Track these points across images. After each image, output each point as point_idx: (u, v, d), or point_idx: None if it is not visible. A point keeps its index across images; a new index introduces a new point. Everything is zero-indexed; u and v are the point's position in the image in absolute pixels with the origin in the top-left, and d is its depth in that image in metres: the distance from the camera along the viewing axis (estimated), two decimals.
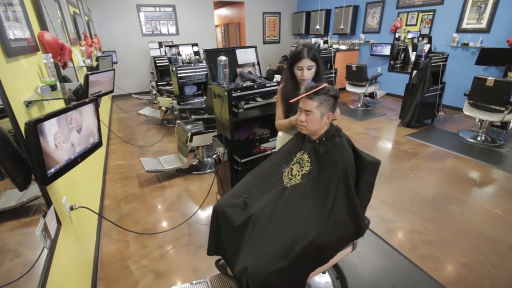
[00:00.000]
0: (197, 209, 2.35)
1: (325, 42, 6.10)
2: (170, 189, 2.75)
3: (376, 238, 1.99)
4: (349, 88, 5.25)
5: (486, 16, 4.34)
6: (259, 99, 1.97)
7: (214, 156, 2.15)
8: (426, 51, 4.07)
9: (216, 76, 2.05)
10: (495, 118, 3.32)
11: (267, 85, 2.03)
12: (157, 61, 5.18)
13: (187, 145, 2.74)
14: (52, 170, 1.05)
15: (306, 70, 1.52)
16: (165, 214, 2.38)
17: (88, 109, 1.27)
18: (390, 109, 5.22)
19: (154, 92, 5.02)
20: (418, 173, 2.90)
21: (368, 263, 1.78)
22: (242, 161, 2.01)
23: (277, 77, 2.15)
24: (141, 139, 4.09)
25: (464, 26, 4.66)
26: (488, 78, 3.23)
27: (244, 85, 1.96)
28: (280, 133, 1.80)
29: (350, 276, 1.69)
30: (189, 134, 2.68)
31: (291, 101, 1.40)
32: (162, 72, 5.24)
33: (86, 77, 1.96)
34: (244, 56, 2.21)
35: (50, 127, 1.01)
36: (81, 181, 1.97)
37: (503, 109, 3.23)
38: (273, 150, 2.10)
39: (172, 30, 7.00)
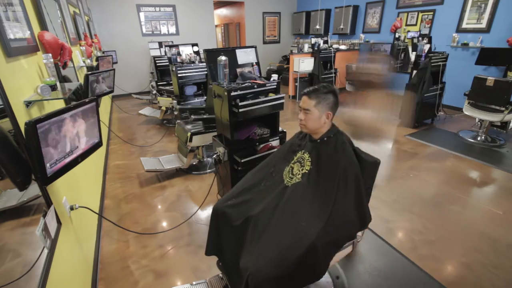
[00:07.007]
0: (197, 209, 2.35)
1: (325, 42, 6.09)
2: (170, 189, 2.75)
3: (376, 238, 1.99)
4: (349, 88, 5.24)
5: (486, 16, 4.34)
6: (259, 99, 1.97)
7: (214, 156, 2.15)
8: (426, 51, 4.07)
9: (216, 76, 2.05)
10: (495, 118, 3.32)
11: (267, 84, 2.04)
12: (157, 61, 5.18)
13: (187, 145, 2.74)
14: (52, 170, 1.05)
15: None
16: (165, 214, 2.38)
17: (88, 109, 1.27)
18: (389, 108, 5.21)
19: (154, 92, 5.02)
20: (418, 173, 2.90)
21: (368, 263, 1.78)
22: (242, 161, 2.01)
23: (274, 76, 2.15)
24: (141, 139, 4.09)
25: (464, 26, 4.66)
26: (488, 78, 3.23)
27: (244, 84, 1.96)
28: None
29: (350, 276, 1.69)
30: (189, 134, 2.68)
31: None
32: (162, 72, 5.24)
33: (86, 77, 1.96)
34: (244, 56, 2.21)
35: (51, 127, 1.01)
36: (81, 181, 1.97)
37: (503, 109, 3.22)
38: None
39: (172, 30, 7.00)
